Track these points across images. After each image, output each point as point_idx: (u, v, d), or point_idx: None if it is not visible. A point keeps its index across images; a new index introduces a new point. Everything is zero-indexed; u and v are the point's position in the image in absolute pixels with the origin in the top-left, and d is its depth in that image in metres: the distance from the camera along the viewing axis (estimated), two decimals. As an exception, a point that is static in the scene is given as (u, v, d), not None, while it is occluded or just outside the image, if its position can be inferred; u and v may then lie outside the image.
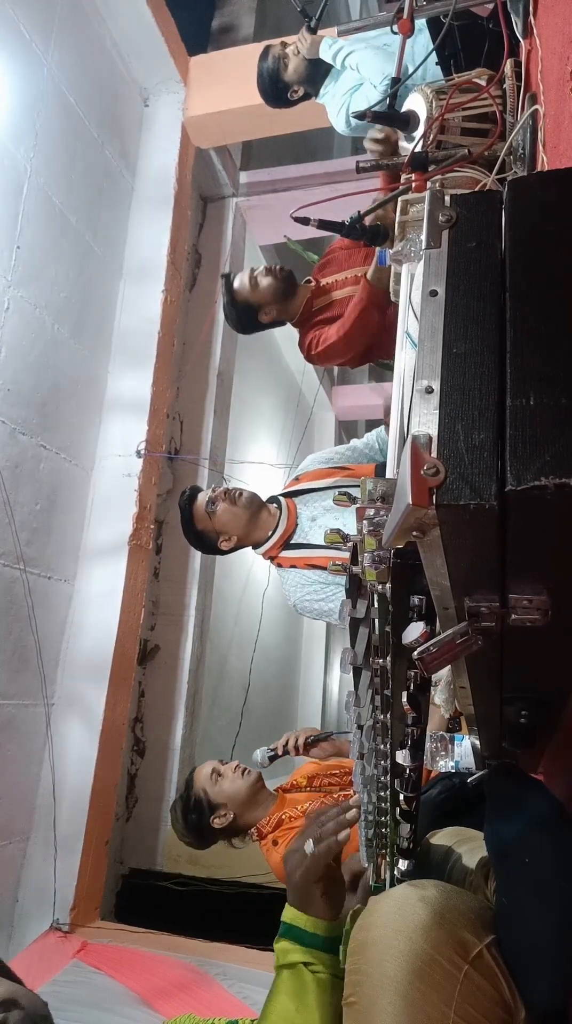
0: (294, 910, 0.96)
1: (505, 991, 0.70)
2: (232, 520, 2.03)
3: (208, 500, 2.04)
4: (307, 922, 0.94)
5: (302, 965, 0.90)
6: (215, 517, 2.03)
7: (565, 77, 0.94)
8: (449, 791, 1.34)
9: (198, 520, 2.06)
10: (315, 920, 0.94)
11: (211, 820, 1.87)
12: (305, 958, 0.90)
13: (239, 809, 1.87)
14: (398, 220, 1.09)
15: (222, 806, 1.87)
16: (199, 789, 1.90)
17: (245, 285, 2.31)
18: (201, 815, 1.88)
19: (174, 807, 1.97)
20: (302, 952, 0.91)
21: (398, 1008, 0.68)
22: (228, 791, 1.88)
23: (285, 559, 2.06)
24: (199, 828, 1.89)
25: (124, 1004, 2.14)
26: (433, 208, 0.55)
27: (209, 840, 1.93)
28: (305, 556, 2.02)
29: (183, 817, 1.91)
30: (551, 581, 0.51)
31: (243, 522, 2.03)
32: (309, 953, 0.91)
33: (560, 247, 0.51)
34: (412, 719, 0.68)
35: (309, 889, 0.95)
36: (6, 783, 2.56)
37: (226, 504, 2.02)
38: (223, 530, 2.05)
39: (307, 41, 2.37)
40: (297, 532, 2.05)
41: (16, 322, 2.64)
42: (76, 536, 3.01)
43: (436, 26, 1.78)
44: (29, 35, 2.76)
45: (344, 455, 2.22)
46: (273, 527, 2.05)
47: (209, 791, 1.88)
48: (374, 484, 0.57)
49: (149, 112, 3.69)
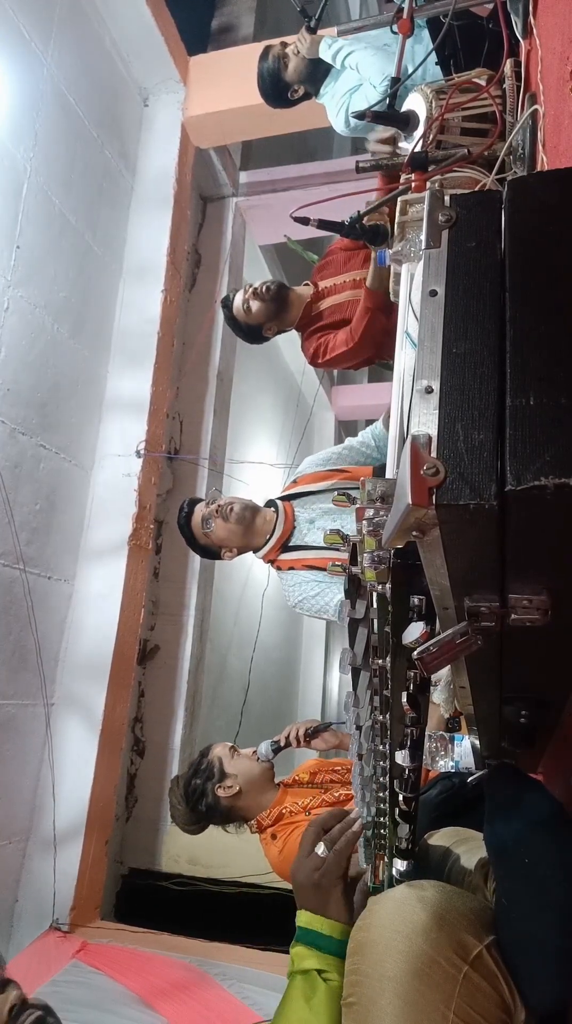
0: (310, 914, 0.94)
1: (505, 992, 0.70)
2: (228, 535, 2.10)
3: (202, 519, 2.12)
4: (324, 925, 0.92)
5: (316, 972, 0.89)
6: (212, 534, 2.10)
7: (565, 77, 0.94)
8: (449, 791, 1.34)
9: (198, 538, 2.14)
10: (333, 924, 0.92)
11: (216, 787, 1.85)
12: (320, 965, 0.89)
13: (247, 787, 1.86)
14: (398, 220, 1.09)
15: (232, 777, 1.87)
16: (215, 757, 1.91)
17: (241, 311, 2.36)
18: (208, 779, 1.86)
19: (177, 778, 1.97)
20: (318, 958, 0.90)
21: (397, 1009, 0.67)
22: (243, 767, 1.89)
23: (284, 561, 2.08)
24: (201, 796, 1.86)
25: (124, 1004, 2.14)
26: (433, 208, 0.55)
27: (204, 816, 1.89)
28: (303, 558, 2.04)
29: (186, 783, 1.89)
30: (551, 581, 0.51)
31: (239, 534, 2.09)
32: (325, 959, 0.90)
33: (560, 247, 0.51)
34: (411, 719, 0.68)
35: (329, 891, 0.94)
36: (6, 783, 2.56)
37: (219, 521, 2.09)
38: (222, 544, 2.13)
39: (307, 41, 2.36)
40: (294, 534, 2.08)
41: (16, 322, 2.64)
42: (76, 536, 3.01)
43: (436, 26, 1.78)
44: (29, 35, 2.76)
45: (341, 455, 2.22)
46: (270, 531, 2.07)
47: (224, 760, 1.89)
48: (374, 484, 0.57)
49: (149, 112, 3.69)
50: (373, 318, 2.13)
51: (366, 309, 2.13)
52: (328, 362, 2.34)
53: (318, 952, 0.90)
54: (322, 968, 0.89)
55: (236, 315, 2.37)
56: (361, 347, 2.23)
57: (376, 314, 2.12)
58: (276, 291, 2.34)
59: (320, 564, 1.99)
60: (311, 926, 0.93)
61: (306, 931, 0.93)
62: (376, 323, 2.14)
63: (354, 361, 2.35)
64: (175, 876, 3.11)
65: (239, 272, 4.28)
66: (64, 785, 2.72)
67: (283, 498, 2.16)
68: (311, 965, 0.89)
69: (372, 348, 2.25)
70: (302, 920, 0.95)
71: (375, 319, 2.13)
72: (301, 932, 0.94)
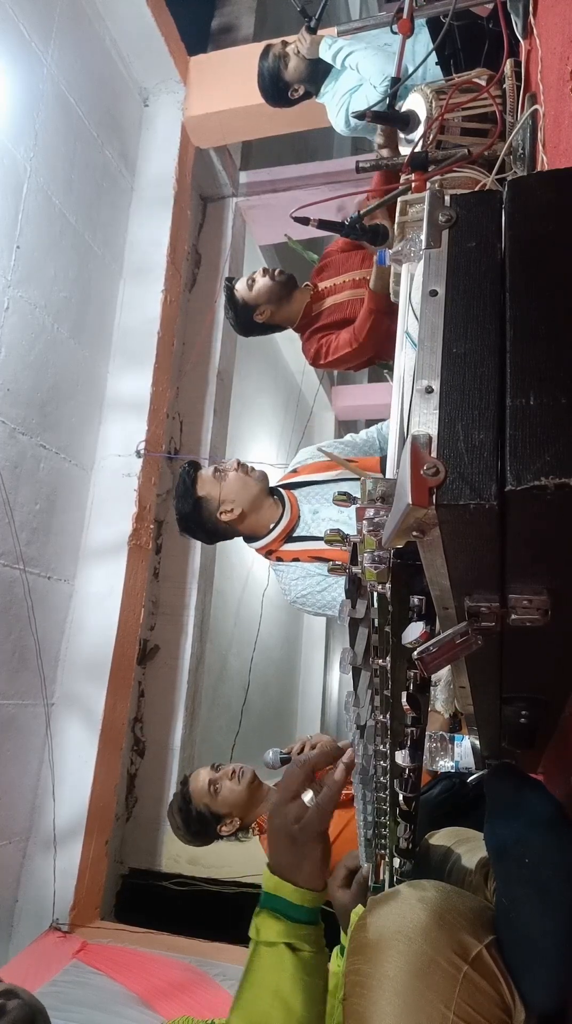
0: (278, 879, 0.81)
1: (505, 992, 0.70)
2: (241, 489, 1.90)
3: (215, 468, 1.95)
4: (293, 893, 0.80)
5: (284, 946, 0.79)
6: (225, 483, 1.91)
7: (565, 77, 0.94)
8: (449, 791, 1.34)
9: (202, 484, 1.93)
10: (302, 892, 0.80)
11: (219, 829, 1.92)
12: (288, 937, 0.79)
13: (243, 812, 1.91)
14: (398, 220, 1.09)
15: (227, 815, 1.91)
16: (199, 804, 1.93)
17: (243, 285, 2.34)
18: (207, 826, 1.92)
19: (174, 817, 1.99)
20: (284, 931, 0.79)
21: (397, 1009, 0.67)
22: (230, 800, 1.91)
23: (287, 552, 2.00)
24: (207, 837, 1.96)
25: (123, 1004, 2.14)
26: (433, 208, 0.55)
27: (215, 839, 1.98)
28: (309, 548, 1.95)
29: (186, 829, 1.96)
30: (551, 581, 0.51)
31: (251, 495, 1.91)
32: (294, 929, 0.79)
33: (560, 247, 0.51)
34: (412, 719, 0.68)
35: (305, 850, 0.81)
36: (6, 783, 2.56)
37: (239, 472, 1.92)
38: (228, 498, 1.92)
39: (307, 41, 2.37)
40: (299, 525, 2.00)
41: (16, 322, 2.64)
42: (76, 536, 3.01)
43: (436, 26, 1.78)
44: (29, 35, 2.76)
45: (343, 451, 2.20)
46: (275, 519, 1.98)
47: (210, 805, 1.92)
48: (374, 484, 0.57)
49: (149, 112, 3.69)
50: (377, 320, 2.12)
51: (370, 311, 2.12)
52: (330, 363, 2.33)
53: (286, 921, 0.80)
54: (290, 940, 0.79)
55: (237, 291, 2.34)
56: (364, 349, 2.22)
57: (380, 316, 2.11)
58: (287, 278, 2.34)
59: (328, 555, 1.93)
60: (278, 892, 0.81)
61: (271, 897, 0.81)
62: (380, 325, 2.13)
63: (356, 362, 2.34)
64: (175, 876, 3.12)
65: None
66: (64, 785, 2.72)
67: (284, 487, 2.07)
68: (277, 938, 0.79)
69: (375, 349, 2.24)
70: (268, 884, 0.82)
71: (379, 321, 2.12)
72: (266, 897, 0.82)
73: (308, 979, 0.78)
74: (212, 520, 1.92)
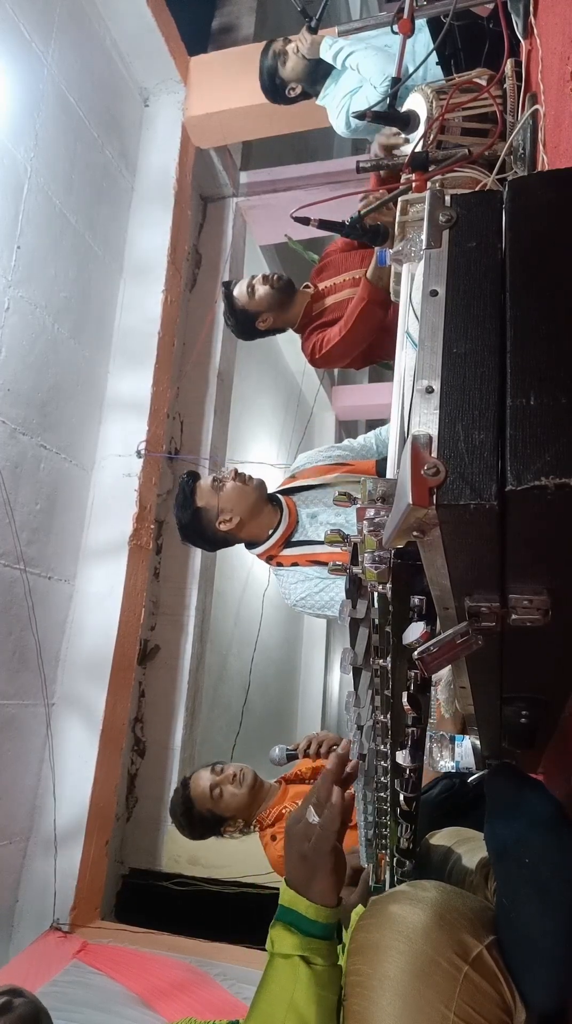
0: (293, 893, 0.84)
1: (505, 992, 0.70)
2: (240, 498, 1.91)
3: (214, 478, 1.96)
4: (308, 908, 0.83)
5: (298, 958, 0.80)
6: (222, 493, 1.92)
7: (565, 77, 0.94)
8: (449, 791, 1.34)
9: (201, 495, 1.94)
10: (317, 907, 0.82)
11: (223, 831, 1.96)
12: (301, 950, 0.81)
13: (246, 813, 1.95)
14: (398, 220, 1.09)
15: (230, 818, 1.95)
16: (202, 810, 1.96)
17: (243, 293, 2.32)
18: (210, 828, 1.98)
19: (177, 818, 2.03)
20: (298, 944, 0.81)
21: (398, 1009, 0.67)
22: (233, 804, 1.94)
23: (286, 557, 2.02)
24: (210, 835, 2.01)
25: (124, 1005, 2.14)
26: (433, 208, 0.55)
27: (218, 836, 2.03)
28: (307, 553, 1.98)
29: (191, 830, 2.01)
30: (551, 581, 0.51)
31: (250, 503, 1.92)
32: (308, 943, 0.81)
33: (561, 247, 0.51)
34: (412, 719, 0.68)
35: (316, 865, 0.83)
36: (6, 783, 2.56)
37: (236, 482, 1.93)
38: (226, 507, 1.93)
39: (307, 41, 2.37)
40: (298, 530, 2.03)
41: (16, 322, 2.64)
42: (76, 536, 3.01)
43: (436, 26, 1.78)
44: (29, 35, 2.76)
45: (341, 456, 2.20)
46: (274, 525, 2.00)
47: (213, 809, 1.95)
48: (374, 484, 0.57)
49: (149, 112, 3.69)
50: (368, 309, 2.10)
51: (361, 299, 2.10)
52: (324, 356, 2.31)
53: (300, 935, 0.82)
54: (304, 953, 0.81)
55: (237, 298, 2.32)
56: (354, 339, 2.18)
57: (371, 306, 2.09)
58: (286, 283, 2.32)
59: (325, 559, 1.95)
60: (293, 906, 0.84)
61: (287, 911, 0.84)
62: (372, 316, 2.11)
63: (350, 355, 2.31)
64: (175, 876, 3.11)
65: (239, 272, 4.28)
66: (64, 785, 2.72)
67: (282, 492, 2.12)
68: (292, 950, 0.81)
69: (367, 340, 2.22)
70: (284, 898, 0.85)
71: (370, 311, 2.10)
72: (282, 911, 0.85)
73: (322, 992, 0.80)
74: (212, 529, 1.93)
